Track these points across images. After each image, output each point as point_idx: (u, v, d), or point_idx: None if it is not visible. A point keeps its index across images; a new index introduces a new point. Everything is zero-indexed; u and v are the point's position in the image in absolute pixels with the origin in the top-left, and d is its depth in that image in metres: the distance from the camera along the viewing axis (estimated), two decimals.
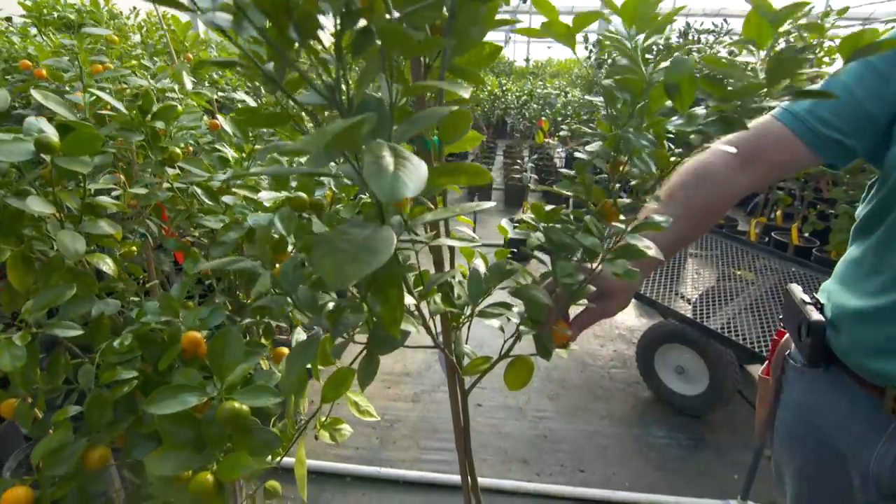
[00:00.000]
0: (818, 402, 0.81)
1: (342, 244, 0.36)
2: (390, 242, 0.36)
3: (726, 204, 0.78)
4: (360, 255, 0.35)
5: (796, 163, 0.77)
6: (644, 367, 2.27)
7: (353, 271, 0.33)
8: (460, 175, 0.44)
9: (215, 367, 0.60)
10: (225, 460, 0.55)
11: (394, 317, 0.45)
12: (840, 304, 0.76)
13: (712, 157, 0.77)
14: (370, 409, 0.78)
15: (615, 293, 0.65)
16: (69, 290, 0.68)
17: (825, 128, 0.73)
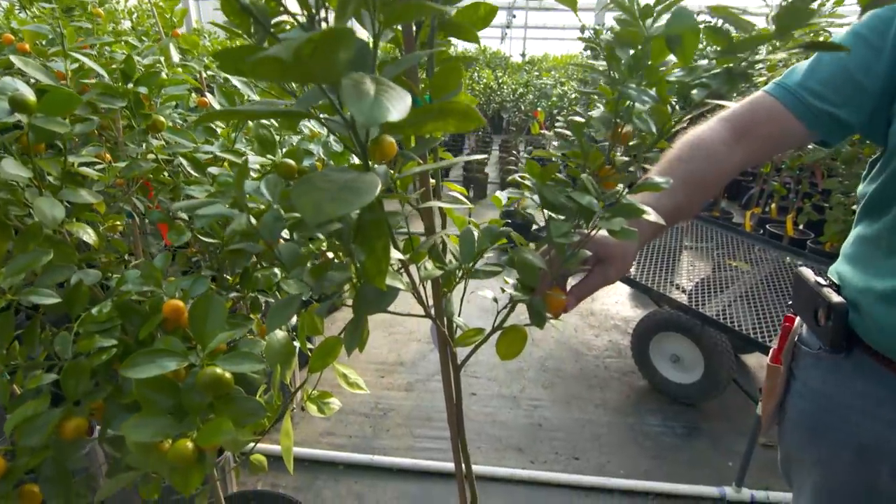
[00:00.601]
0: (839, 390, 0.77)
1: (323, 184, 0.34)
2: (374, 185, 0.34)
3: (722, 177, 0.76)
4: (341, 194, 0.33)
5: (789, 138, 0.76)
6: (639, 356, 2.26)
7: (332, 209, 0.32)
8: (448, 118, 0.42)
9: (196, 332, 0.58)
10: (205, 427, 0.53)
11: (379, 268, 0.42)
12: (861, 286, 0.73)
13: (707, 130, 0.76)
14: (359, 381, 0.76)
15: (613, 257, 0.63)
16: (45, 255, 0.65)
17: (816, 100, 0.72)
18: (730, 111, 0.79)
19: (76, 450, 0.62)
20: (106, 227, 0.95)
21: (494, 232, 0.59)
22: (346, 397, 2.18)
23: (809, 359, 0.83)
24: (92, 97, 0.79)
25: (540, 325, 0.61)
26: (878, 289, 0.69)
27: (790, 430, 0.89)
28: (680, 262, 2.59)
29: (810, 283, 0.80)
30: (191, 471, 0.54)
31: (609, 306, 3.10)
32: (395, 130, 0.44)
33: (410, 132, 0.43)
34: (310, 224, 0.32)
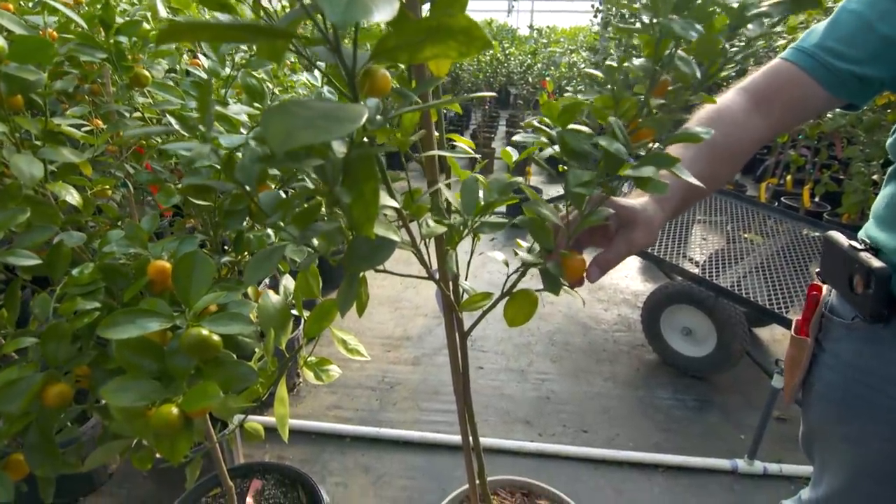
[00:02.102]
0: (877, 362, 0.72)
1: (299, 110, 0.29)
2: (358, 115, 0.29)
3: (745, 147, 0.72)
4: (318, 121, 0.28)
5: (811, 103, 0.71)
6: (649, 329, 2.22)
7: (305, 136, 0.27)
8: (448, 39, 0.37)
9: (181, 291, 0.54)
10: (192, 390, 0.49)
11: (367, 213, 0.38)
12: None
13: (725, 101, 0.72)
14: (360, 348, 0.72)
15: (639, 221, 0.57)
16: (22, 213, 0.61)
17: (837, 60, 0.68)
18: (748, 81, 0.74)
19: (60, 417, 0.58)
20: (95, 192, 0.91)
21: (503, 183, 0.53)
22: (352, 371, 2.17)
23: (841, 330, 0.78)
24: (70, 47, 0.74)
25: (555, 291, 0.56)
26: None
27: (817, 404, 0.84)
28: (692, 235, 2.52)
29: (843, 248, 0.74)
30: (177, 437, 0.50)
31: (618, 280, 3.05)
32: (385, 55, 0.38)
33: (405, 58, 0.37)
34: (277, 152, 0.27)
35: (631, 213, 0.58)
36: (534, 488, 1.23)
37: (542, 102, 0.53)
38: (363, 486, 1.62)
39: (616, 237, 0.58)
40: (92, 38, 0.75)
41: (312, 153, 0.35)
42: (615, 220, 0.58)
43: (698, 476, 1.67)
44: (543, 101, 0.53)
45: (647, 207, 0.58)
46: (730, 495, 1.61)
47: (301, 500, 1.24)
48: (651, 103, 0.54)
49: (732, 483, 1.65)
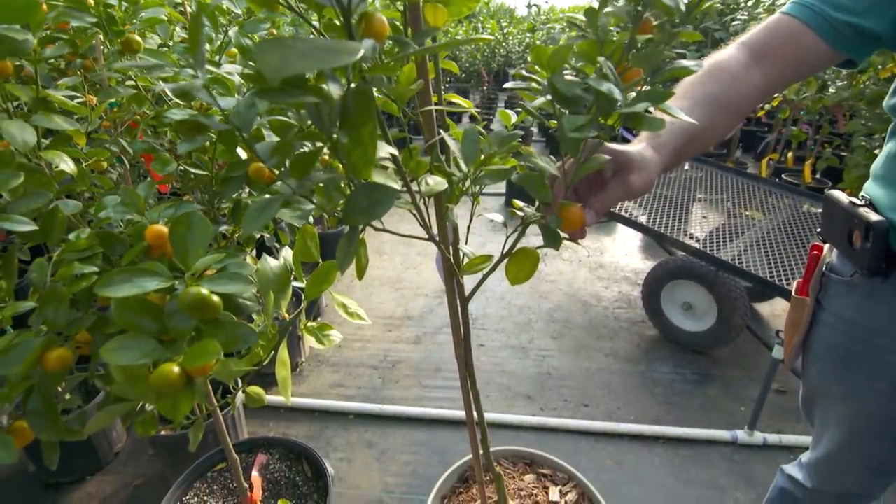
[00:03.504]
0: (875, 317, 0.73)
1: (295, 43, 0.28)
2: (354, 50, 0.28)
3: (743, 101, 0.71)
4: (313, 52, 0.28)
5: (811, 57, 0.70)
6: (650, 305, 2.22)
7: (300, 65, 0.26)
8: None
9: (178, 252, 0.53)
10: (192, 348, 0.49)
11: (366, 157, 0.37)
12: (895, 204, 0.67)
13: (723, 55, 0.72)
14: (360, 312, 0.72)
15: (635, 164, 0.56)
16: (15, 178, 0.60)
17: (836, 11, 0.67)
18: (748, 35, 0.74)
19: (61, 382, 0.58)
20: (90, 164, 0.90)
21: (503, 135, 0.52)
22: (354, 350, 2.18)
23: (841, 287, 0.78)
24: (59, 10, 0.72)
25: (555, 245, 0.55)
26: None
27: (816, 364, 0.85)
28: (692, 213, 2.51)
29: (843, 205, 0.74)
30: (179, 397, 0.50)
31: (619, 258, 3.05)
32: None
33: None
34: (271, 80, 0.26)
35: (627, 158, 0.57)
36: (536, 458, 1.24)
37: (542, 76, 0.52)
38: (367, 461, 1.64)
39: (612, 181, 0.57)
40: (81, 1, 0.73)
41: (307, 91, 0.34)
42: (611, 165, 0.57)
43: (698, 447, 1.69)
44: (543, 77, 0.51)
45: (643, 152, 0.58)
46: (730, 465, 1.62)
47: (306, 473, 1.26)
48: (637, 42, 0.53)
49: (732, 454, 1.67)
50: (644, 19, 0.51)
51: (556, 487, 1.16)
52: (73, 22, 0.75)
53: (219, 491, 1.20)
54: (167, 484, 1.22)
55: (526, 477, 1.20)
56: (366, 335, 2.28)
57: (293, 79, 0.35)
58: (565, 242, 0.62)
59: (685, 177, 2.86)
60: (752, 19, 3.27)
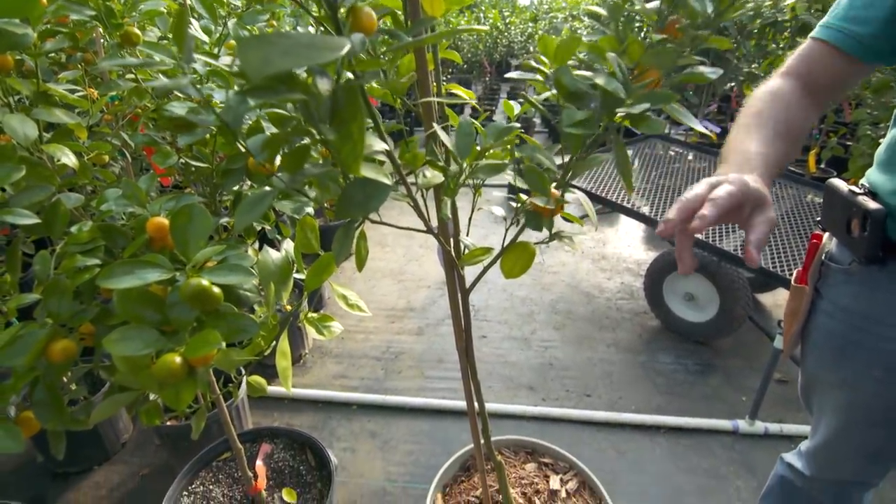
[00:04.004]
0: (872, 305, 0.73)
1: (277, 39, 0.28)
2: (338, 45, 0.28)
3: (805, 128, 0.75)
4: (296, 48, 0.28)
5: (847, 74, 0.74)
6: (652, 295, 2.22)
7: (282, 62, 0.26)
8: None
9: (179, 244, 0.54)
10: (193, 339, 0.49)
11: (355, 152, 0.37)
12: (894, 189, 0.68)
13: (776, 85, 0.76)
14: (360, 303, 0.72)
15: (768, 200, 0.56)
16: (17, 171, 0.61)
17: (859, 26, 0.70)
18: (786, 66, 0.78)
19: (66, 372, 0.59)
20: (91, 158, 0.90)
21: (500, 128, 0.52)
22: (357, 342, 2.19)
23: (839, 275, 0.78)
24: (59, 4, 0.72)
25: (538, 227, 0.56)
26: None
27: (814, 352, 0.85)
28: None
29: (843, 193, 0.74)
30: (182, 386, 0.51)
31: (622, 249, 3.04)
32: None
33: None
34: (255, 79, 0.26)
35: (764, 197, 0.57)
36: (537, 447, 1.25)
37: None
38: (370, 451, 1.65)
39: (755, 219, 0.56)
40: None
41: (294, 87, 0.34)
42: (749, 203, 0.56)
43: (700, 436, 1.70)
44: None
45: (766, 189, 0.59)
46: (731, 454, 1.63)
47: (309, 462, 1.27)
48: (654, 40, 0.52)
49: (733, 443, 1.68)
50: (670, 20, 0.51)
51: (556, 476, 1.18)
52: (72, 15, 0.75)
53: (224, 480, 1.21)
54: (173, 473, 1.24)
55: (527, 466, 1.21)
56: (368, 327, 2.30)
57: (279, 76, 0.35)
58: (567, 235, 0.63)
59: (689, 167, 2.85)
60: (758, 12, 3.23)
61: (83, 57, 1.05)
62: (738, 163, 0.65)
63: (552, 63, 0.46)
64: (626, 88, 0.44)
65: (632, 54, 0.51)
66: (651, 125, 0.43)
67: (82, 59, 1.05)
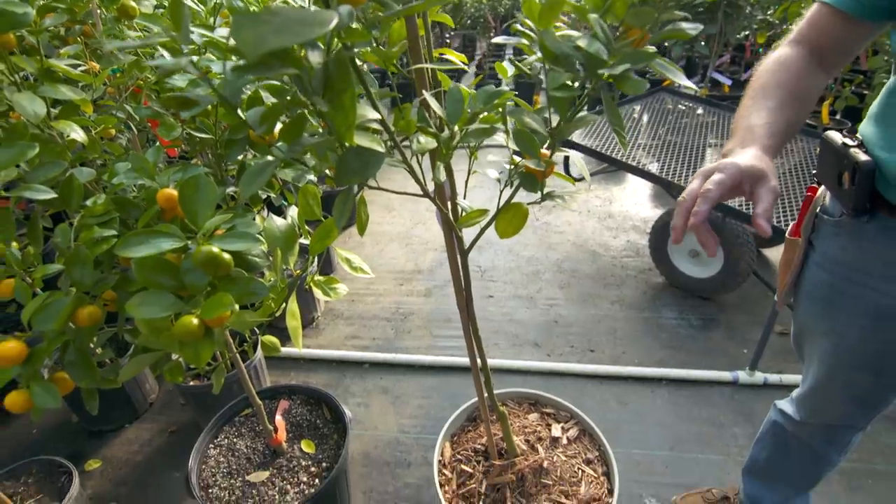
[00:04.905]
0: (860, 256, 0.76)
1: (269, 17, 0.30)
2: (328, 19, 0.30)
3: (814, 94, 0.75)
4: (287, 25, 0.29)
5: (856, 36, 0.73)
6: (657, 252, 2.24)
7: (275, 40, 0.28)
8: None
9: (189, 214, 0.57)
10: (207, 301, 0.53)
11: (347, 121, 0.39)
12: (883, 143, 0.68)
13: (785, 54, 0.77)
14: (363, 266, 0.76)
15: (768, 173, 0.58)
16: (31, 148, 0.64)
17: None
18: (795, 33, 0.78)
19: (93, 335, 0.64)
20: (98, 132, 0.93)
21: (489, 93, 0.54)
22: (367, 304, 2.25)
23: (830, 227, 0.80)
24: None
25: (533, 188, 0.59)
26: None
27: (805, 301, 0.88)
28: (704, 159, 2.47)
29: (836, 146, 0.75)
30: (200, 345, 0.55)
31: (628, 207, 3.04)
32: None
33: None
34: (250, 57, 0.28)
35: (760, 171, 0.59)
36: (540, 399, 1.31)
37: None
38: (383, 405, 1.74)
39: (758, 191, 0.58)
40: None
41: (287, 62, 0.36)
42: (747, 181, 0.59)
43: (700, 388, 1.75)
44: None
45: (765, 160, 0.61)
46: (730, 404, 1.69)
47: (325, 416, 1.35)
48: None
49: (733, 393, 1.73)
50: None
51: (558, 424, 1.24)
52: None
53: (246, 433, 1.30)
54: (199, 429, 1.32)
55: (530, 416, 1.27)
56: (378, 289, 2.35)
57: (274, 51, 0.37)
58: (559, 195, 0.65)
59: (698, 122, 2.79)
60: None
61: (82, 30, 1.06)
62: (742, 137, 0.67)
63: (537, 26, 0.47)
64: (608, 49, 0.45)
65: (617, 12, 0.51)
66: (632, 85, 0.44)
67: (81, 31, 1.06)
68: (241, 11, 0.71)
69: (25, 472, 1.30)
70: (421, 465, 1.52)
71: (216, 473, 1.19)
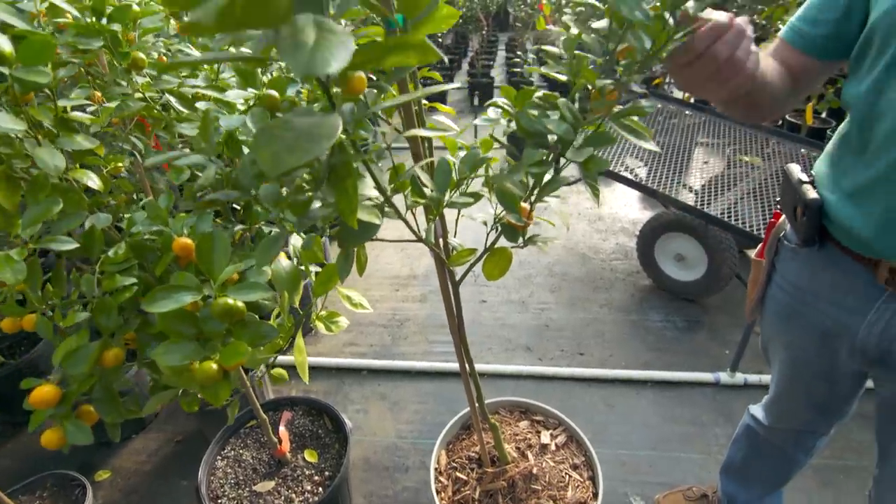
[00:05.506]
0: (812, 281, 0.83)
1: (282, 133, 0.35)
2: (334, 130, 0.35)
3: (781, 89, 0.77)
4: (299, 142, 0.35)
5: (812, 71, 0.77)
6: (644, 256, 2.31)
7: (292, 160, 0.34)
8: (408, 51, 0.42)
9: (205, 267, 0.63)
10: (225, 349, 0.60)
11: (350, 207, 0.45)
12: (830, 184, 0.75)
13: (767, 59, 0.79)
14: (363, 301, 0.82)
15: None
16: (56, 204, 0.69)
17: (813, 27, 0.74)
18: (770, 50, 0.81)
19: (118, 375, 0.70)
20: (109, 170, 0.98)
21: (475, 158, 0.60)
22: (364, 311, 2.32)
23: (789, 253, 0.88)
24: (68, 39, 0.78)
25: (514, 239, 0.65)
26: (844, 186, 0.71)
27: (769, 317, 0.96)
28: (692, 160, 2.54)
29: (793, 181, 0.82)
30: (218, 387, 0.62)
31: (617, 209, 3.11)
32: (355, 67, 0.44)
33: (372, 67, 0.43)
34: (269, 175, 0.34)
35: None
36: (530, 406, 1.39)
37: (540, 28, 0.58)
38: (381, 411, 1.81)
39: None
40: (88, 27, 0.79)
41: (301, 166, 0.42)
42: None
43: (684, 389, 1.84)
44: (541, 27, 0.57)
45: None
46: (712, 404, 1.78)
47: (327, 426, 1.42)
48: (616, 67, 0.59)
49: (715, 393, 1.82)
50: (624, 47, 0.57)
51: (547, 431, 1.31)
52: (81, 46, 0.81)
53: (252, 444, 1.36)
54: (204, 439, 1.39)
55: (521, 423, 1.35)
56: (375, 295, 2.42)
57: None
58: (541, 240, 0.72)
59: (686, 123, 2.86)
60: None
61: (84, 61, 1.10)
62: None
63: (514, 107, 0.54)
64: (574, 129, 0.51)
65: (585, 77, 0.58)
66: (596, 164, 0.51)
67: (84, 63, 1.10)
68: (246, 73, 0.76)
69: (41, 485, 1.36)
70: (419, 469, 1.60)
71: (224, 484, 1.26)
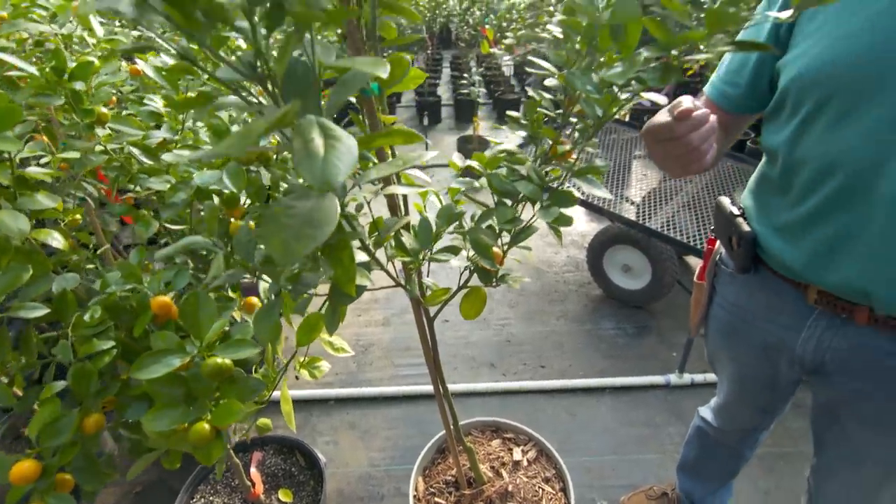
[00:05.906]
0: (750, 301, 0.93)
1: (287, 220, 0.39)
2: (333, 213, 0.39)
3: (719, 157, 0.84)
4: (304, 230, 0.38)
5: (732, 122, 0.86)
6: (594, 268, 2.45)
7: (299, 247, 0.37)
8: (395, 136, 0.47)
9: (191, 327, 0.64)
10: (218, 409, 0.61)
11: (348, 276, 0.49)
12: (759, 220, 0.85)
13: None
14: (344, 346, 0.85)
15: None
16: (25, 271, 0.68)
17: (731, 87, 0.83)
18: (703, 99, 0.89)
19: (98, 440, 0.69)
20: (67, 223, 0.96)
21: (451, 213, 0.65)
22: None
23: (727, 276, 0.98)
24: (26, 98, 0.77)
25: (489, 282, 0.71)
26: (772, 222, 0.82)
27: (713, 334, 1.06)
28: (631, 174, 2.73)
29: (726, 213, 0.92)
30: (212, 447, 0.63)
31: None
32: None
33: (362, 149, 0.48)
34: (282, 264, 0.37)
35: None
36: (501, 425, 1.44)
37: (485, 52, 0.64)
38: (352, 441, 1.81)
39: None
40: (49, 86, 0.78)
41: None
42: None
43: (638, 392, 1.96)
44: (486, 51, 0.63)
45: None
46: (664, 404, 1.91)
47: (300, 463, 1.41)
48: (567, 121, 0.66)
49: (666, 395, 1.95)
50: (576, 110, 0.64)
51: (518, 448, 1.37)
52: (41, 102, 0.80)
53: (223, 490, 1.33)
54: (167, 489, 1.34)
55: (493, 442, 1.40)
56: None
57: None
58: (513, 278, 0.77)
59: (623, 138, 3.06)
60: None
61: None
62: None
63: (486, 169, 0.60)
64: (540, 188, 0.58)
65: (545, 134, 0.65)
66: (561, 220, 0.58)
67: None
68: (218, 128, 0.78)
69: None
70: (394, 496, 1.61)
71: None
